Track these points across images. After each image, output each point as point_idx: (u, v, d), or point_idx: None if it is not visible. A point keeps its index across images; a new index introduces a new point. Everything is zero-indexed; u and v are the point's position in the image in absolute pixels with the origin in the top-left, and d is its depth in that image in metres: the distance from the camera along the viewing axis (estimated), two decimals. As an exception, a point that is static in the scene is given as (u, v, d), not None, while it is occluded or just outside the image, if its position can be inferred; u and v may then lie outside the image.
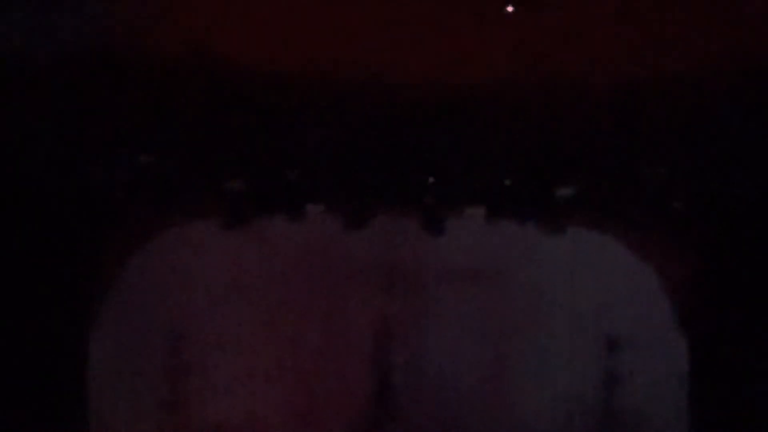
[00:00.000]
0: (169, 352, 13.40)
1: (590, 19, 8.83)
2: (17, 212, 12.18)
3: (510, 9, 8.62)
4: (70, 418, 12.84)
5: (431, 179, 12.97)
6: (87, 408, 13.18)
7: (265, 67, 11.96)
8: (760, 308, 12.50)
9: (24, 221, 12.26)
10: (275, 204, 13.14)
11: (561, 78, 10.91)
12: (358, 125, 12.36)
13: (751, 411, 12.39)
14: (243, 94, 12.21)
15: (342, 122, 12.33)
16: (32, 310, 12.33)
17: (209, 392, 13.47)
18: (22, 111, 10.54)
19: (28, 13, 9.07)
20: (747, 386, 12.60)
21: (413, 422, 13.24)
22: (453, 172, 12.97)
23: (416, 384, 13.55)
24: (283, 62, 11.85)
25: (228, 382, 13.52)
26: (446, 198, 13.07)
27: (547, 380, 13.58)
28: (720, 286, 12.73)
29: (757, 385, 12.54)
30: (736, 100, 11.58)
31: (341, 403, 13.50)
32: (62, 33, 9.80)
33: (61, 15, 9.12)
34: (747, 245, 12.51)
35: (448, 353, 13.59)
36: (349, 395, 13.52)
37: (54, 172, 12.09)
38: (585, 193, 13.16)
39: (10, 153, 11.44)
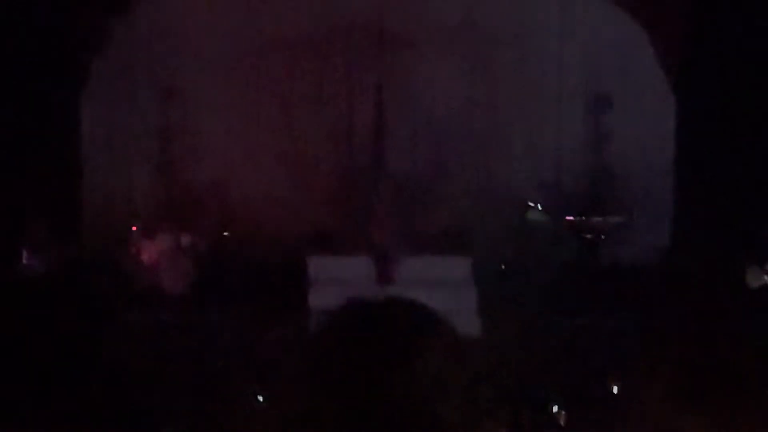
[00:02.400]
0: (160, 113, 13.43)
1: None
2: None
3: None
4: (62, 174, 12.99)
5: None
6: (80, 168, 13.32)
7: None
8: (751, 65, 12.54)
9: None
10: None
11: None
12: None
13: (736, 166, 12.54)
14: None
15: None
16: (24, 72, 12.37)
17: (201, 152, 13.55)
18: None
19: None
20: (733, 144, 12.72)
21: (405, 173, 13.35)
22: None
23: (408, 137, 13.65)
24: None
25: (220, 142, 13.60)
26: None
27: (535, 137, 13.67)
28: (711, 41, 12.71)
29: (744, 144, 12.67)
30: None
31: (335, 159, 13.63)
32: None
33: None
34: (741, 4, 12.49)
35: (439, 106, 13.66)
36: (342, 149, 13.64)
37: None
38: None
39: None
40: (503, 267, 12.71)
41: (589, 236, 13.00)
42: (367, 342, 1.89)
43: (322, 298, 11.56)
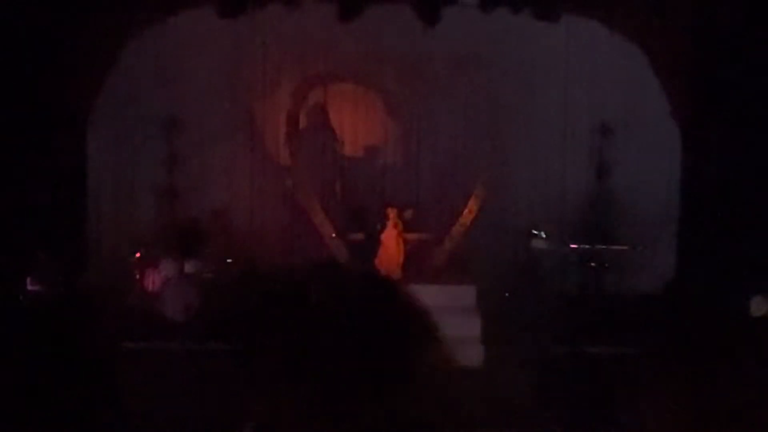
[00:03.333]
0: (165, 141, 13.46)
1: None
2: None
3: None
4: (69, 204, 13.01)
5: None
6: (85, 195, 13.34)
7: None
8: (752, 92, 12.54)
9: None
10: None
11: None
12: None
13: (740, 191, 12.53)
14: None
15: None
16: (32, 97, 12.39)
17: (206, 180, 13.58)
18: None
19: None
20: (738, 174, 12.70)
21: (411, 199, 13.38)
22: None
23: (414, 167, 13.70)
24: None
25: (224, 170, 13.64)
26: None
27: (540, 164, 13.69)
28: (715, 72, 12.72)
29: (749, 174, 12.65)
30: None
31: (341, 185, 13.63)
32: None
33: None
34: (741, 30, 12.49)
35: (444, 137, 13.70)
36: (348, 179, 13.65)
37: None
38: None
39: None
40: (507, 295, 12.69)
41: (593, 264, 13.02)
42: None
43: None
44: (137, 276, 12.62)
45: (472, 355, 11.24)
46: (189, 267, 12.56)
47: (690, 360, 10.65)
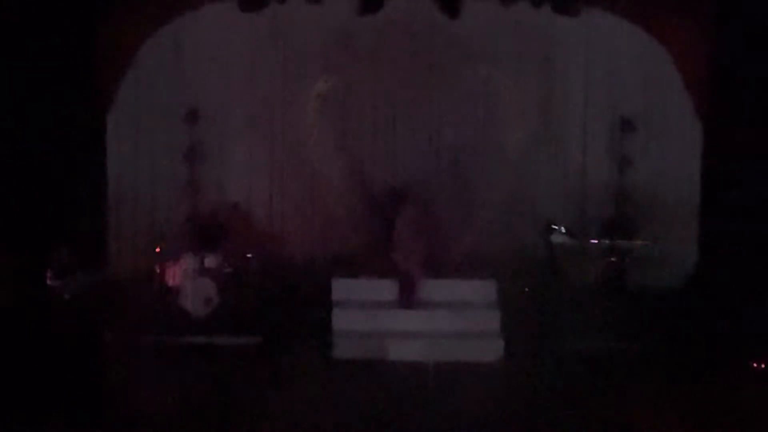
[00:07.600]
0: (186, 134, 13.47)
1: None
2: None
3: None
4: (89, 198, 13.06)
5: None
6: (106, 186, 13.39)
7: None
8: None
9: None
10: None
11: None
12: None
13: (762, 186, 12.50)
14: None
15: None
16: (52, 92, 12.43)
17: (226, 173, 13.60)
18: None
19: None
20: (760, 168, 12.68)
21: (427, 194, 13.35)
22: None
23: (433, 160, 13.69)
24: None
25: (245, 164, 13.65)
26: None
27: (561, 159, 13.66)
28: (737, 66, 12.69)
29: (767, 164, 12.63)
30: None
31: (359, 182, 13.61)
32: None
33: None
34: (762, 24, 12.46)
35: (465, 131, 13.67)
36: (367, 172, 13.65)
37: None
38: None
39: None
40: (527, 290, 12.65)
41: (613, 259, 12.99)
42: None
43: (346, 319, 11.64)
44: (157, 271, 12.64)
45: (491, 350, 11.26)
46: (209, 261, 12.58)
47: (710, 355, 10.65)
